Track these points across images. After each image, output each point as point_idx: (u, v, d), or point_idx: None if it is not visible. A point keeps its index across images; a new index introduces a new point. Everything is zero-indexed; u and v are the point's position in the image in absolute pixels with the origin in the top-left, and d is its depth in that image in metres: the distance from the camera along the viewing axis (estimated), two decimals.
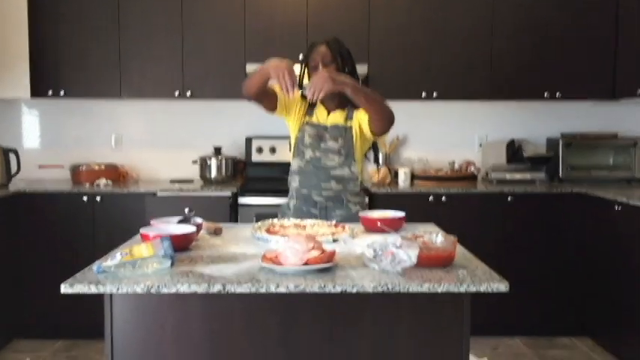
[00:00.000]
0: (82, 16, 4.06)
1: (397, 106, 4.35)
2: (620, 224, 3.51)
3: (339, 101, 2.59)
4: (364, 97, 2.34)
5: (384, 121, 2.43)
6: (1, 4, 3.97)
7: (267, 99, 2.53)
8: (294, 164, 2.63)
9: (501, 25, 4.12)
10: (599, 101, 4.40)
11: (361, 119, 2.55)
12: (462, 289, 1.56)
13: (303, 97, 2.57)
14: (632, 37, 4.04)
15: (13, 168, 4.01)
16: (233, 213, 3.81)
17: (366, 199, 3.39)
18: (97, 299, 1.64)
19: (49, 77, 4.06)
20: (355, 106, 2.52)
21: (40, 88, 4.05)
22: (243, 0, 4.05)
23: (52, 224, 3.84)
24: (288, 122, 2.67)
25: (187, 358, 1.67)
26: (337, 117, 2.62)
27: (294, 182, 2.63)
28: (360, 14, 4.09)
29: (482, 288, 1.56)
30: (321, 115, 2.63)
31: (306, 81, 2.58)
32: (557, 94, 4.15)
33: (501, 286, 1.57)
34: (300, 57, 3.88)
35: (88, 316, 3.60)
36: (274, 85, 2.44)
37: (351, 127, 2.59)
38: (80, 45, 4.07)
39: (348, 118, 2.61)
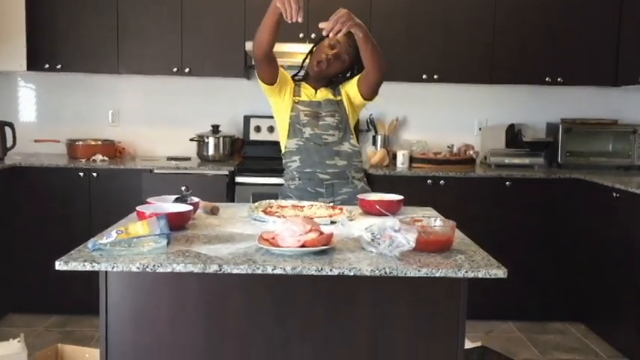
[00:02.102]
0: None
1: (397, 88, 4.39)
2: (618, 211, 3.50)
3: (328, 80, 2.63)
4: (372, 45, 2.39)
5: (380, 74, 2.48)
6: None
7: (273, 64, 2.48)
8: (292, 144, 2.58)
9: (503, 8, 4.08)
10: (600, 87, 4.38)
11: (349, 89, 2.60)
12: (460, 275, 1.55)
13: (294, 80, 2.62)
14: (635, 23, 4.01)
15: (9, 142, 3.97)
16: (230, 191, 3.80)
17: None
18: (93, 275, 1.62)
19: (45, 50, 4.01)
20: (340, 82, 2.61)
21: (36, 61, 4.00)
22: None
23: (47, 199, 3.82)
24: (277, 102, 2.60)
25: (182, 337, 1.67)
26: (325, 93, 2.63)
27: (293, 163, 2.58)
28: None
29: (481, 274, 1.55)
30: (309, 93, 2.62)
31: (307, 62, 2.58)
32: (559, 79, 4.12)
33: (499, 272, 1.56)
34: (301, 35, 3.86)
35: (83, 292, 3.61)
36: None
37: (342, 101, 2.61)
38: (78, 18, 4.01)
39: (336, 93, 2.63)
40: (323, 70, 2.56)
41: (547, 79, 4.12)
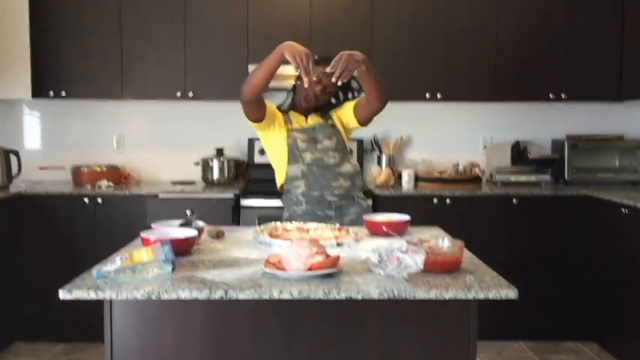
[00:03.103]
0: (84, 17, 4.03)
1: (401, 107, 4.38)
2: (627, 227, 3.46)
3: (317, 107, 2.62)
4: (374, 77, 2.40)
5: (381, 104, 2.49)
6: (2, 4, 3.95)
7: (261, 104, 2.49)
8: (294, 170, 2.55)
9: (506, 26, 4.09)
10: (604, 103, 4.36)
11: (341, 114, 2.62)
12: (470, 296, 1.53)
13: (280, 110, 2.61)
14: (638, 37, 4.00)
15: (14, 169, 3.98)
16: (235, 215, 3.78)
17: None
18: (98, 302, 1.60)
19: (50, 78, 4.04)
20: (328, 109, 2.62)
21: (41, 88, 4.03)
22: (245, 0, 4.03)
23: (53, 226, 3.81)
24: (268, 135, 2.59)
25: None
26: (316, 119, 2.63)
27: (298, 188, 2.54)
28: (364, 15, 4.06)
29: (491, 295, 1.53)
30: (300, 121, 2.62)
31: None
32: (563, 95, 4.11)
33: (510, 292, 1.53)
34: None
35: (89, 319, 3.55)
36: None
37: (335, 125, 2.63)
38: (82, 46, 4.04)
39: (327, 118, 2.64)
40: (312, 106, 2.59)
41: (551, 95, 4.11)
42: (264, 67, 2.34)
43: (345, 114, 2.62)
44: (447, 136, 4.50)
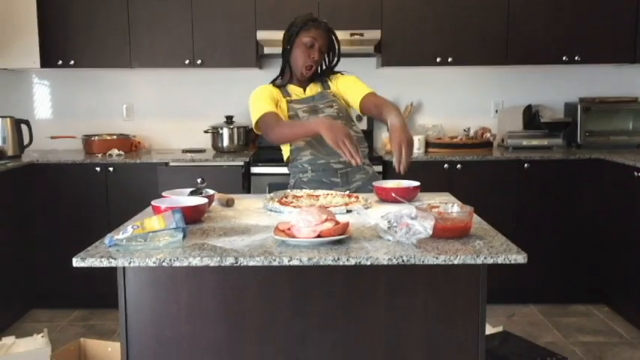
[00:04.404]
0: None
1: (411, 72, 4.34)
2: (639, 190, 3.44)
3: (309, 80, 2.59)
4: None
5: None
6: None
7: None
8: (298, 141, 2.51)
9: None
10: (618, 65, 4.29)
11: (344, 90, 2.57)
12: (479, 261, 1.53)
13: (276, 85, 2.58)
14: None
15: (26, 139, 4.01)
16: (245, 182, 3.79)
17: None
18: (113, 269, 1.63)
19: (58, 47, 4.03)
20: (323, 76, 2.60)
21: (49, 58, 4.02)
22: None
23: (65, 195, 3.85)
24: None
25: (201, 329, 1.67)
26: (315, 89, 2.60)
27: (303, 157, 2.52)
28: None
29: (500, 260, 1.53)
30: (298, 92, 2.59)
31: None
32: (576, 57, 4.04)
33: (519, 257, 1.54)
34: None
35: (104, 285, 3.62)
36: (275, 112, 2.42)
37: (334, 94, 2.58)
38: (89, 14, 4.02)
39: (325, 87, 2.60)
40: (313, 72, 2.55)
41: (564, 57, 4.04)
42: (294, 133, 2.37)
43: (349, 92, 2.55)
44: (458, 101, 4.46)
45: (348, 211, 2.00)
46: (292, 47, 2.53)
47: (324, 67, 2.63)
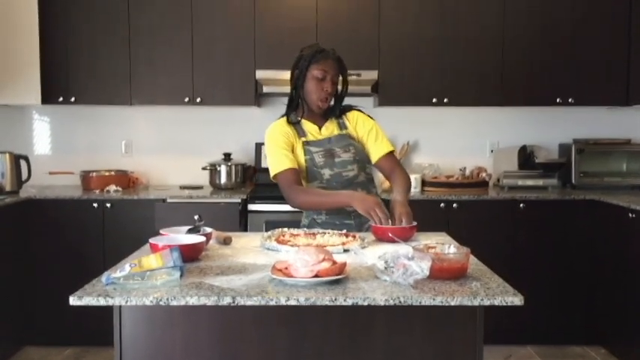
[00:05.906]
0: (93, 23, 4.07)
1: (408, 112, 4.39)
2: (634, 231, 3.45)
3: (324, 113, 2.58)
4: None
5: None
6: (11, 10, 3.99)
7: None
8: (313, 187, 2.52)
9: (512, 30, 4.09)
10: (612, 107, 4.35)
11: (363, 136, 2.58)
12: (476, 303, 1.53)
13: (290, 123, 2.54)
14: None
15: (24, 174, 4.01)
16: (243, 219, 3.80)
17: None
18: (107, 307, 1.62)
19: (59, 84, 4.07)
20: (337, 113, 2.59)
21: (50, 94, 4.07)
22: (252, 6, 4.05)
23: (62, 230, 3.84)
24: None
25: None
26: (331, 129, 2.57)
27: None
28: (370, 20, 4.07)
29: (497, 302, 1.53)
30: (313, 131, 2.55)
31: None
32: (570, 99, 4.11)
33: (516, 299, 1.54)
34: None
35: (98, 324, 3.58)
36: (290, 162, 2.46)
37: (350, 135, 2.57)
38: (90, 52, 4.08)
39: (343, 127, 2.58)
40: (328, 104, 2.54)
41: (558, 99, 4.11)
42: (322, 203, 2.42)
43: (370, 144, 2.58)
44: (454, 141, 4.51)
45: (345, 251, 2.01)
46: (304, 81, 2.50)
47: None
